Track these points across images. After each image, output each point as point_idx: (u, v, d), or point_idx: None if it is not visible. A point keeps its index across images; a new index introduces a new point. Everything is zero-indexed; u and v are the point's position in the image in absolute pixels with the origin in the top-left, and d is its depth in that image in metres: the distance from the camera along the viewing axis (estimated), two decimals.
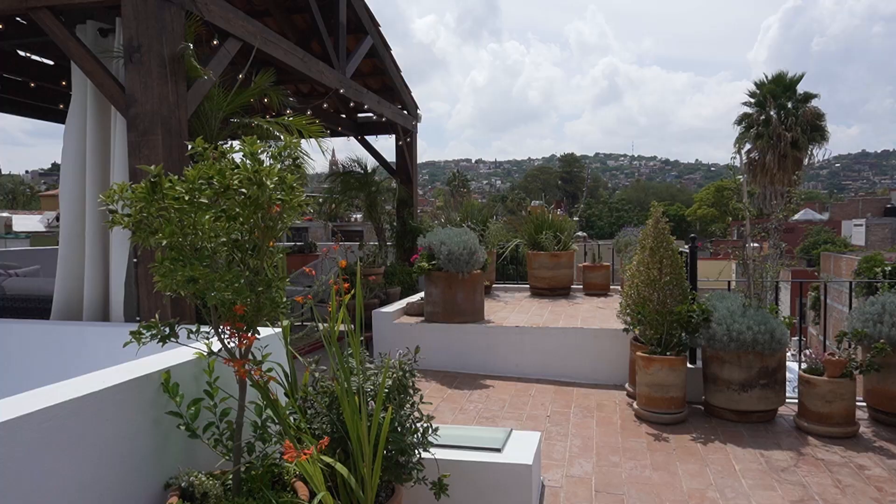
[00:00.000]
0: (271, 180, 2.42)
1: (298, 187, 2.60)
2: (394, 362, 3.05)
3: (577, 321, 6.69)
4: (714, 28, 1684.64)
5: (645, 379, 5.00)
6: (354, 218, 37.18)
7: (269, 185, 2.39)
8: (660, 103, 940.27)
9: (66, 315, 4.25)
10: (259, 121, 4.64)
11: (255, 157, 2.41)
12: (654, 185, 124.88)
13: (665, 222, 5.31)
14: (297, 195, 2.55)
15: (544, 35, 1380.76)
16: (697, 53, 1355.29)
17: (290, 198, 2.51)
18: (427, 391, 5.78)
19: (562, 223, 8.88)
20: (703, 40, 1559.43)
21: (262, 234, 2.71)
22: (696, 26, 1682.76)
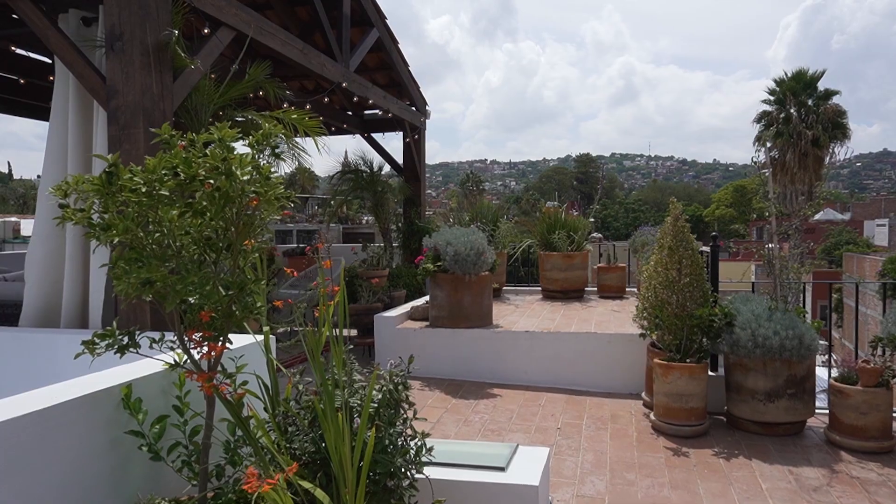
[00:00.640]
0: (242, 170, 2.14)
1: (276, 179, 2.33)
2: (383, 373, 2.77)
3: (590, 325, 6.37)
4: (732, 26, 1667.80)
5: (663, 388, 4.68)
6: (365, 220, 37.00)
7: (240, 176, 2.12)
8: (677, 103, 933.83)
9: (42, 322, 4.01)
10: (251, 114, 4.39)
11: (224, 144, 2.14)
12: (671, 185, 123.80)
13: (684, 220, 4.99)
14: (273, 187, 2.27)
15: (560, 35, 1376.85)
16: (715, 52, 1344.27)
17: (264, 190, 2.24)
18: (430, 401, 5.49)
19: (575, 223, 8.56)
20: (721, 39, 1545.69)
21: (239, 232, 2.44)
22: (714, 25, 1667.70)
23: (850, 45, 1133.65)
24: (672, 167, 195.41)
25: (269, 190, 2.24)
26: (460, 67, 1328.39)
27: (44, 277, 4.07)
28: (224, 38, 4.45)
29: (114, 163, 2.03)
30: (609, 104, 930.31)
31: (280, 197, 2.30)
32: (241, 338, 3.17)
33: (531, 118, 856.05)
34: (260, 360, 2.90)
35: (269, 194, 2.24)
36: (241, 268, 2.36)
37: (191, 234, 2.34)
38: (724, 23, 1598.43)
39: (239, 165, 2.12)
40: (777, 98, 25.26)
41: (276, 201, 2.31)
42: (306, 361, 5.12)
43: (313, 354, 2.62)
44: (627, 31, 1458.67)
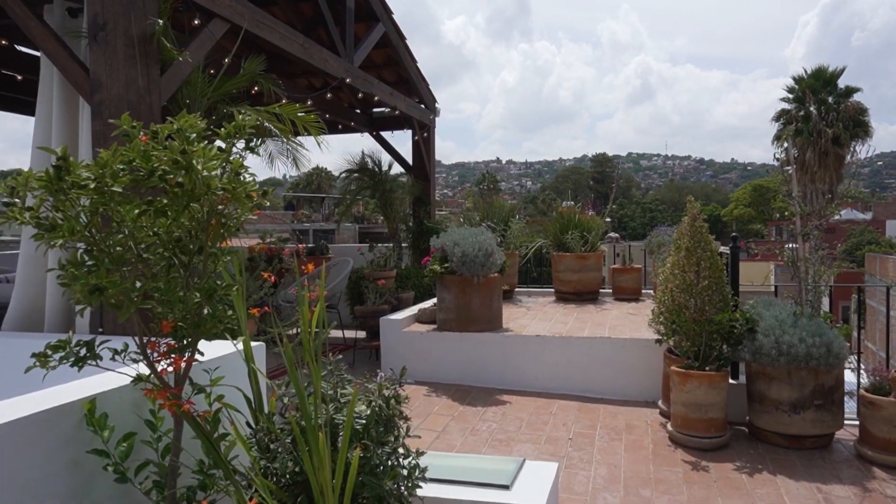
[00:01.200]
0: (206, 165, 1.93)
1: (247, 174, 2.11)
2: (373, 386, 2.54)
3: (604, 329, 6.11)
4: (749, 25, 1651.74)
5: (681, 397, 4.41)
6: (381, 220, 36.77)
7: (201, 171, 1.90)
8: (694, 102, 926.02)
9: (25, 325, 3.83)
10: (245, 109, 4.19)
11: (183, 135, 1.93)
12: (688, 184, 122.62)
13: (703, 220, 4.71)
14: (244, 184, 2.06)
15: (576, 34, 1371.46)
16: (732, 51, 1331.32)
17: (232, 186, 2.02)
18: (437, 407, 5.26)
19: (589, 223, 8.29)
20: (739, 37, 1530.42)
21: (213, 233, 2.23)
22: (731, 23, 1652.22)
23: (872, 41, 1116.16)
24: (689, 166, 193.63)
25: (238, 186, 2.02)
26: (476, 68, 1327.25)
27: (29, 278, 3.89)
28: (217, 31, 4.25)
29: (63, 156, 1.82)
30: (626, 104, 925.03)
31: (252, 194, 2.09)
32: (220, 346, 2.95)
33: (547, 118, 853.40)
34: (243, 370, 2.68)
35: (239, 191, 2.03)
36: (211, 272, 2.15)
37: (159, 236, 2.13)
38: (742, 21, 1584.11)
39: (202, 159, 1.90)
40: (796, 96, 24.66)
41: (247, 199, 2.10)
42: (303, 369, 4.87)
43: (294, 365, 2.40)
44: (644, 31, 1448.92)
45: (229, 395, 2.42)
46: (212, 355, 2.89)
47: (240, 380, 2.63)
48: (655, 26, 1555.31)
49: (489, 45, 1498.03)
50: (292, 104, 4.52)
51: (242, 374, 2.59)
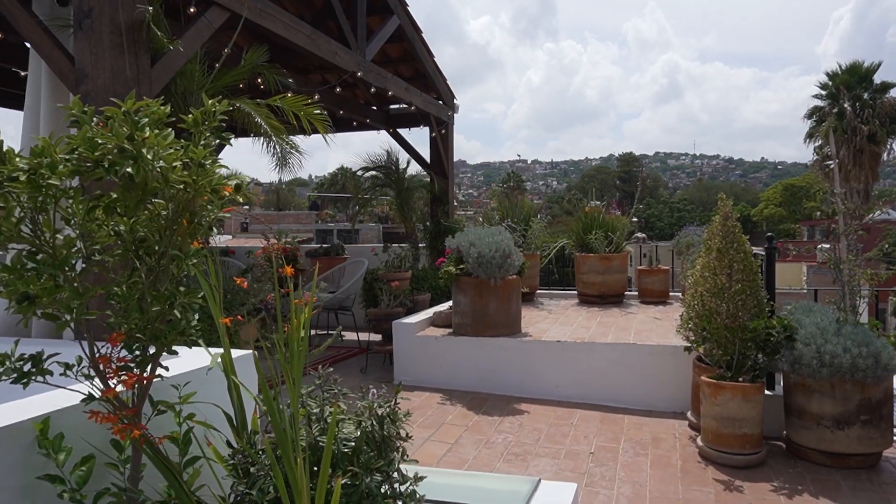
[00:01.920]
0: (157, 152, 1.68)
1: (213, 165, 1.85)
2: (363, 404, 2.27)
3: (629, 335, 5.77)
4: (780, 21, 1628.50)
5: (712, 410, 4.07)
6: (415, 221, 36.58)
7: (151, 160, 1.65)
8: (723, 100, 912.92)
9: (13, 330, 3.64)
10: (242, 102, 3.95)
11: (130, 118, 1.68)
12: (717, 184, 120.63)
13: (736, 219, 4.37)
14: (207, 175, 1.80)
15: (602, 33, 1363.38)
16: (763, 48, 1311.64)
17: (193, 179, 1.77)
18: (450, 417, 4.98)
19: (613, 222, 7.94)
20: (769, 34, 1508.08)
21: (182, 233, 1.98)
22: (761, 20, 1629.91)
23: None
24: (718, 166, 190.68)
25: (202, 179, 1.77)
26: (501, 68, 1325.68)
27: None
28: (215, 19, 4.02)
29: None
30: (653, 102, 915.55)
31: (223, 189, 1.83)
32: (202, 357, 2.70)
33: (573, 117, 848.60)
34: (222, 384, 2.42)
35: (202, 183, 1.77)
36: (174, 276, 1.89)
37: (120, 235, 1.89)
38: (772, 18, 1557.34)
39: (154, 147, 1.65)
40: (829, 92, 23.88)
41: (214, 194, 1.84)
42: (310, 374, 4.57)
43: (266, 380, 2.14)
44: (671, 29, 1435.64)
45: (213, 412, 2.17)
46: (192, 366, 2.65)
47: (215, 395, 2.38)
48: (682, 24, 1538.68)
49: (514, 45, 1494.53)
50: (295, 97, 4.28)
51: (220, 387, 2.34)
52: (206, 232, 2.04)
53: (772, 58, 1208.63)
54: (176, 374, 2.52)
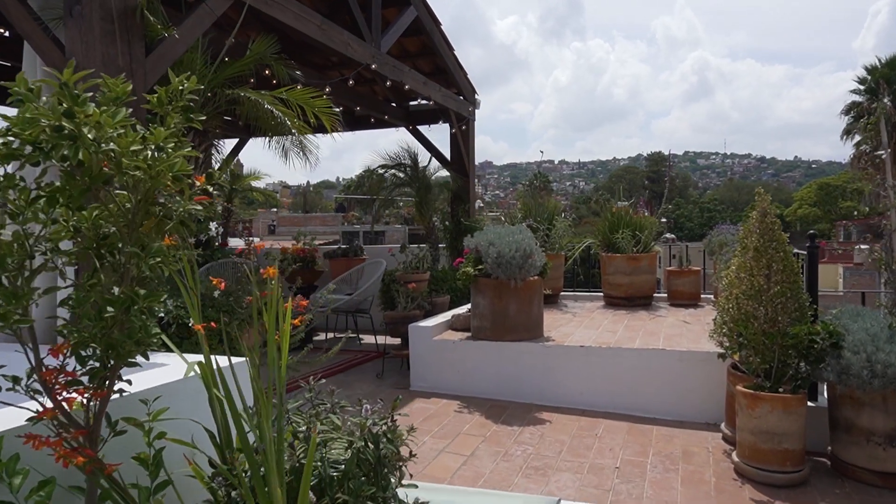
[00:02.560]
0: (102, 132, 1.45)
1: (177, 149, 1.63)
2: (350, 425, 2.02)
3: (658, 340, 5.45)
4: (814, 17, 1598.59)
5: (749, 423, 3.75)
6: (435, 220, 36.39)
7: (92, 140, 1.42)
8: (754, 98, 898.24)
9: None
10: (246, 91, 3.74)
11: (68, 91, 1.46)
12: (748, 183, 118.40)
13: (774, 216, 4.04)
14: (165, 161, 1.57)
15: (630, 31, 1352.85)
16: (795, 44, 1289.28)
17: (148, 165, 1.53)
18: (467, 426, 4.72)
19: (641, 221, 7.60)
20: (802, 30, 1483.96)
21: (148, 228, 1.76)
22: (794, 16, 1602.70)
23: None
24: (750, 165, 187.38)
25: (159, 165, 1.54)
26: (528, 67, 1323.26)
27: None
28: (217, 7, 3.82)
29: None
30: (682, 101, 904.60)
31: (181, 175, 1.60)
32: (170, 365, 2.48)
33: (601, 117, 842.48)
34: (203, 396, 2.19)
35: (159, 170, 1.54)
36: (135, 276, 1.66)
37: (80, 231, 1.67)
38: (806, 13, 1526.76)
39: (97, 126, 1.42)
40: (868, 87, 23.01)
41: (177, 182, 1.61)
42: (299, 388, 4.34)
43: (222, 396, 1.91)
44: (700, 26, 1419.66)
45: (165, 434, 1.93)
46: (175, 376, 2.43)
47: (193, 409, 2.16)
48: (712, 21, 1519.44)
49: (541, 45, 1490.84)
50: (302, 89, 4.06)
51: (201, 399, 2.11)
52: (176, 228, 1.81)
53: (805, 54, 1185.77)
54: (156, 385, 2.30)
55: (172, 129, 1.63)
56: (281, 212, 72.14)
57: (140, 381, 2.27)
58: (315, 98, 4.01)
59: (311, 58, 7.48)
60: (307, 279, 8.75)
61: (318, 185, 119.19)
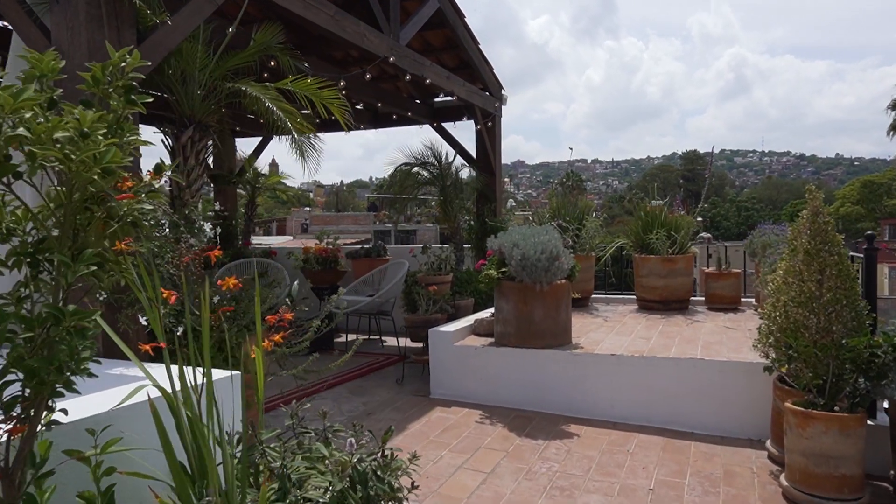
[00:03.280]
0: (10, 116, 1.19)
1: (110, 137, 1.36)
2: (338, 458, 1.73)
3: (695, 348, 5.07)
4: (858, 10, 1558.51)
5: (799, 444, 3.37)
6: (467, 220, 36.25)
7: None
8: (793, 94, 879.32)
9: None
10: (247, 85, 3.49)
11: None
12: (787, 182, 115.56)
13: (828, 215, 3.65)
14: (88, 149, 1.30)
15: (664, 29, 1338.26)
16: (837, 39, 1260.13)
17: (65, 154, 1.26)
18: (489, 440, 4.41)
19: (677, 221, 7.20)
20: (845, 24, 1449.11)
21: (95, 230, 1.51)
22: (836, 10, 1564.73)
23: None
24: (788, 163, 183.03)
25: (82, 153, 1.27)
26: (561, 67, 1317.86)
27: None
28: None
29: None
30: (718, 99, 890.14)
31: (114, 169, 1.33)
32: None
33: (634, 116, 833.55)
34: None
35: (81, 158, 1.27)
36: (67, 286, 1.40)
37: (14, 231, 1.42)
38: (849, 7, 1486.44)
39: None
40: None
41: (108, 176, 1.34)
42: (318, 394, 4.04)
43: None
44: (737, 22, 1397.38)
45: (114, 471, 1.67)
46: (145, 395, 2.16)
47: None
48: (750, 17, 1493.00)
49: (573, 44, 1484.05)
50: (312, 80, 3.80)
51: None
52: (125, 230, 1.54)
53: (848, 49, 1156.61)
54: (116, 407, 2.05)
55: (103, 112, 1.36)
56: (314, 211, 72.71)
57: (99, 402, 2.02)
58: (323, 89, 3.74)
59: (331, 53, 7.25)
60: (329, 280, 8.52)
61: (352, 184, 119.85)
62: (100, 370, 2.59)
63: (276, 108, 3.31)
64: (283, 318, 2.00)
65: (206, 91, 3.58)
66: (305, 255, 8.69)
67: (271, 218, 58.82)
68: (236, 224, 9.32)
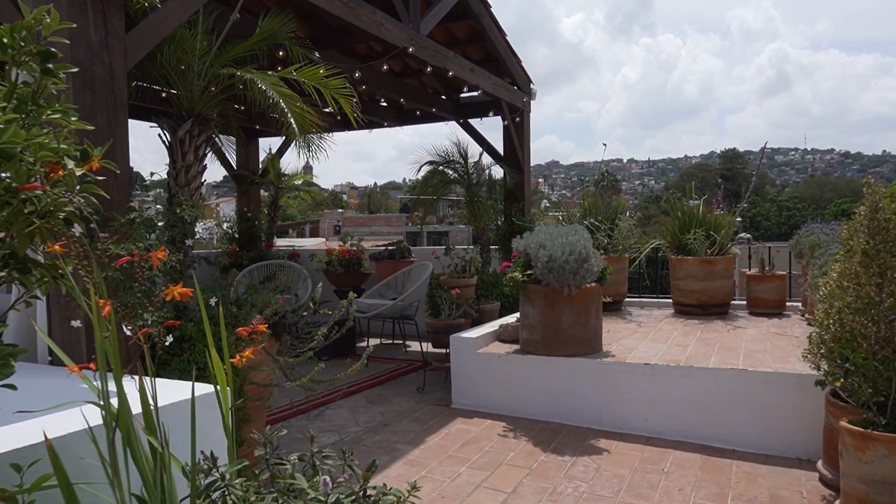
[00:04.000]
0: None
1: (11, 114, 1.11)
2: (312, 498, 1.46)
3: (737, 356, 4.69)
4: None
5: (857, 469, 3.00)
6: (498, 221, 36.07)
7: None
8: (837, 90, 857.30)
9: None
10: (245, 72, 3.26)
11: None
12: (831, 180, 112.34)
13: (890, 212, 3.26)
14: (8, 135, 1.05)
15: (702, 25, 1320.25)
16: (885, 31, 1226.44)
17: None
18: (511, 455, 4.10)
19: (717, 221, 6.79)
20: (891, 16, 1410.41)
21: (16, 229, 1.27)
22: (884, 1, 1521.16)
23: None
24: (832, 161, 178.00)
25: None
26: (595, 65, 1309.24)
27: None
28: None
29: None
30: (758, 95, 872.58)
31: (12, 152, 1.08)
32: None
33: (671, 114, 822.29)
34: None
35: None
36: None
37: None
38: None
39: None
40: None
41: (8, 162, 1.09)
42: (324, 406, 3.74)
43: None
44: (779, 16, 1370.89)
45: None
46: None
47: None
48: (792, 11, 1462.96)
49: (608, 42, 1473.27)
50: (319, 69, 3.55)
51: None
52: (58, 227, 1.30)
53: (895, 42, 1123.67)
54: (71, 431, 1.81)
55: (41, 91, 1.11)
56: (347, 212, 73.09)
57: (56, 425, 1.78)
58: (331, 79, 3.49)
59: (352, 46, 7.02)
60: (352, 282, 8.31)
61: (385, 186, 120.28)
62: (69, 385, 2.35)
63: (275, 93, 3.06)
64: (255, 331, 1.74)
65: (206, 82, 3.35)
66: (328, 257, 8.50)
67: (305, 220, 59.27)
68: (259, 226, 9.17)
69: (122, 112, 2.87)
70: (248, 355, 1.64)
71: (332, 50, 6.30)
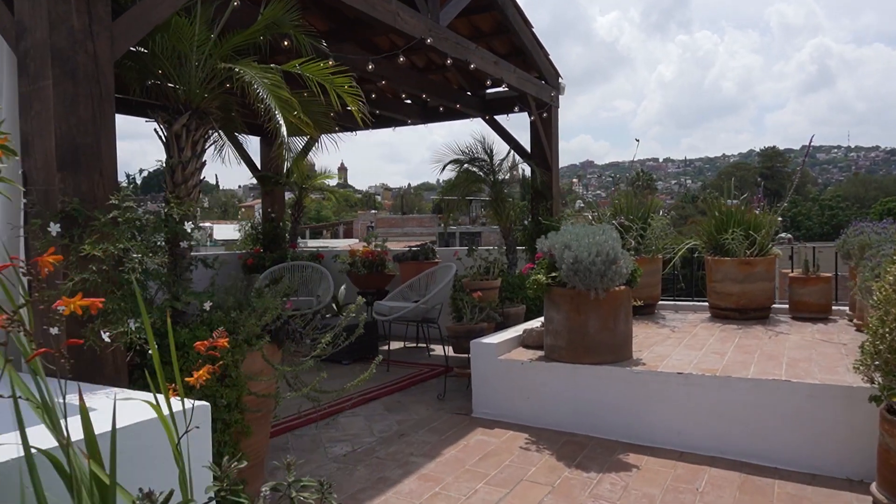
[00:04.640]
0: None
1: None
2: None
3: (779, 366, 4.34)
4: None
5: None
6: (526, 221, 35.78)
7: None
8: (883, 85, 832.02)
9: None
10: (246, 66, 3.05)
11: None
12: (876, 178, 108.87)
13: None
14: None
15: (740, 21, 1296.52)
16: None
17: None
18: (533, 470, 3.83)
19: (756, 220, 6.41)
20: None
21: None
22: None
23: None
24: (878, 158, 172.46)
25: None
26: (631, 64, 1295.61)
27: None
28: None
29: None
30: (799, 92, 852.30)
31: None
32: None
33: (709, 112, 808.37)
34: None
35: None
36: None
37: None
38: None
39: None
40: None
41: None
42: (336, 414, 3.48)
43: None
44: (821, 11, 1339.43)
45: None
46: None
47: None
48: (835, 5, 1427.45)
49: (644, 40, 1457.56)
50: (325, 64, 3.33)
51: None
52: None
53: None
54: None
55: None
56: (380, 213, 73.33)
57: None
58: (337, 76, 3.26)
59: (372, 39, 6.82)
60: (376, 284, 8.11)
61: (418, 187, 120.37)
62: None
63: (272, 101, 2.83)
64: (215, 346, 1.52)
65: (204, 74, 3.16)
66: (352, 258, 8.31)
67: (339, 221, 59.62)
68: (283, 226, 9.04)
69: (109, 104, 2.68)
70: (202, 375, 1.42)
71: (350, 43, 6.10)
